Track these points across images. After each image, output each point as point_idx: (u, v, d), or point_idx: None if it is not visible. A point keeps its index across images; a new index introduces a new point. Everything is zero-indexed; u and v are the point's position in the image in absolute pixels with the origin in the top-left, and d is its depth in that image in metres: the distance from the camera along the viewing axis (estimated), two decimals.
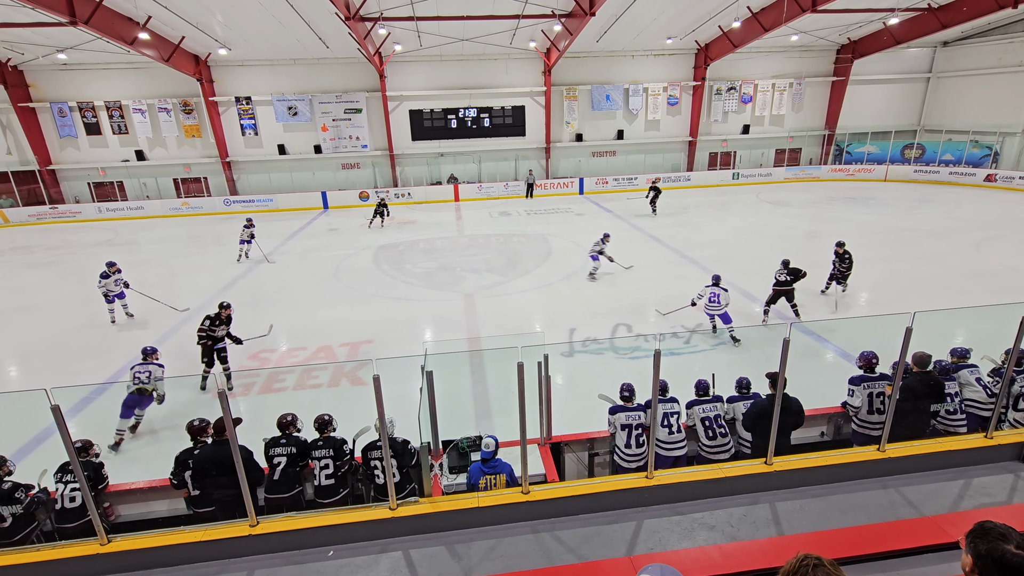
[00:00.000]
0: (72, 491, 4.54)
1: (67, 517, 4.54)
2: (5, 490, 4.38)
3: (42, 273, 16.03)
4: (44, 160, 24.27)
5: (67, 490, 4.54)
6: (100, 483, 4.72)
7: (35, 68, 22.94)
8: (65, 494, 4.54)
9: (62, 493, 4.55)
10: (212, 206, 25.20)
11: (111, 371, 9.15)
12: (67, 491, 4.54)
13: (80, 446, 4.69)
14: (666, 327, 10.24)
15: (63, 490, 4.55)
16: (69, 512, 4.53)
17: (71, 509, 4.53)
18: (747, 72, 27.41)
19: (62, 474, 4.61)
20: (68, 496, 4.54)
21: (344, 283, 13.80)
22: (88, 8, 15.49)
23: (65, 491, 4.54)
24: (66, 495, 4.53)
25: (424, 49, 23.64)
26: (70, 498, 4.54)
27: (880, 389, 5.20)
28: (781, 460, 4.34)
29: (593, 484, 4.30)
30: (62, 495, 4.54)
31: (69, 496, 4.54)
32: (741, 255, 14.95)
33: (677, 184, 27.91)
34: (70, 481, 4.55)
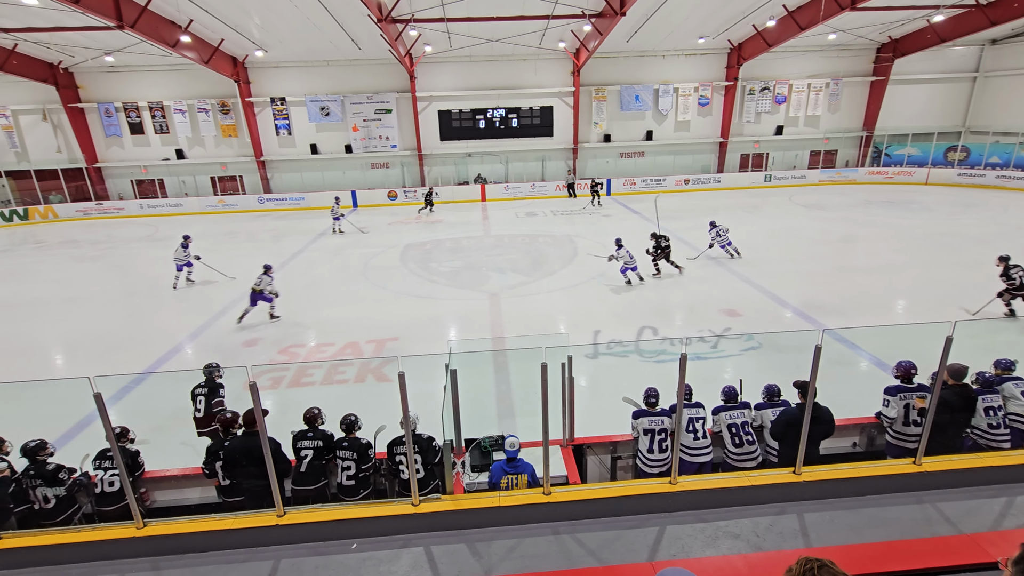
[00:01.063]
0: (111, 476, 4.73)
1: (106, 501, 4.73)
2: (50, 471, 4.59)
3: (87, 266, 16.73)
4: (91, 158, 25.35)
5: (107, 476, 4.73)
6: (137, 470, 4.90)
7: (84, 70, 23.98)
8: (105, 479, 4.73)
9: (102, 478, 4.74)
10: (247, 204, 25.90)
11: (149, 361, 9.49)
12: (107, 476, 4.73)
13: (119, 432, 4.88)
14: (693, 331, 10.08)
15: (103, 475, 4.74)
16: (108, 496, 4.73)
17: (110, 493, 4.73)
18: (781, 72, 26.77)
19: (101, 460, 4.80)
20: (107, 481, 4.73)
21: (372, 280, 14.01)
22: (134, 12, 16.12)
23: (105, 476, 4.73)
24: (105, 480, 4.73)
25: (454, 50, 23.83)
26: (109, 483, 4.73)
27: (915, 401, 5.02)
28: (810, 470, 4.23)
29: (615, 487, 4.27)
30: (102, 480, 4.74)
31: (108, 481, 4.73)
32: (772, 258, 14.62)
33: (707, 186, 27.45)
34: (109, 467, 4.74)
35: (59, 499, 4.60)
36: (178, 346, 10.22)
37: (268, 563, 3.84)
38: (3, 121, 24.37)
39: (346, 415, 5.00)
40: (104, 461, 4.78)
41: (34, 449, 4.64)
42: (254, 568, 3.81)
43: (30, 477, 4.55)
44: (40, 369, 9.53)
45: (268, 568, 3.80)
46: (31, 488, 4.57)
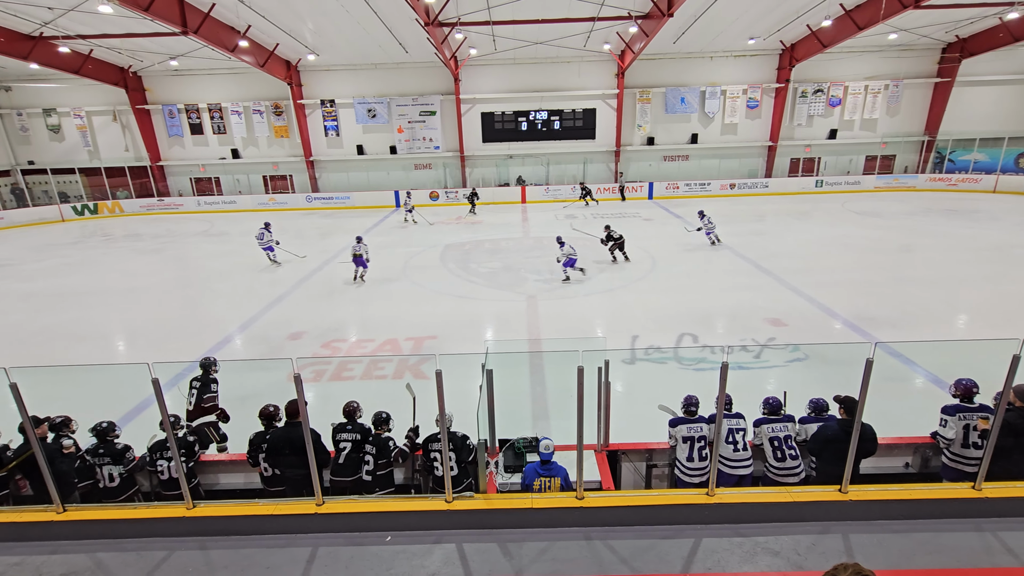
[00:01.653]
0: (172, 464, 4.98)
1: (169, 486, 5.00)
2: (118, 451, 4.89)
3: (148, 259, 17.72)
4: (154, 157, 26.86)
5: (170, 464, 4.97)
6: (193, 456, 5.13)
7: (151, 74, 25.44)
8: (169, 467, 4.97)
9: (167, 467, 4.98)
10: (295, 202, 26.85)
11: (201, 350, 9.96)
12: (170, 465, 4.96)
13: (172, 420, 5.13)
14: (735, 340, 9.80)
15: (166, 464, 4.98)
16: (171, 482, 4.98)
17: (173, 480, 4.98)
18: (837, 73, 25.70)
19: (162, 450, 5.04)
20: (171, 469, 4.98)
21: (412, 279, 14.26)
22: (198, 18, 17.00)
23: (169, 465, 4.96)
24: (171, 468, 4.96)
25: (498, 52, 24.02)
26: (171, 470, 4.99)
27: (976, 422, 4.72)
28: (858, 489, 4.05)
29: (650, 496, 4.21)
30: (167, 468, 4.97)
31: (171, 468, 4.98)
32: (821, 267, 14.05)
33: (753, 191, 26.64)
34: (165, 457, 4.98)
35: (123, 478, 4.88)
36: (228, 336, 10.69)
37: (307, 550, 3.97)
38: (78, 122, 26.13)
39: (378, 412, 5.10)
40: (166, 451, 5.02)
41: (105, 430, 4.94)
42: (293, 554, 3.95)
43: (98, 455, 4.85)
44: (104, 354, 10.16)
45: (306, 555, 3.93)
46: (98, 466, 4.87)
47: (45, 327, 11.54)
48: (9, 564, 3.96)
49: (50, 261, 17.58)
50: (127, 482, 4.92)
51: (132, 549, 4.06)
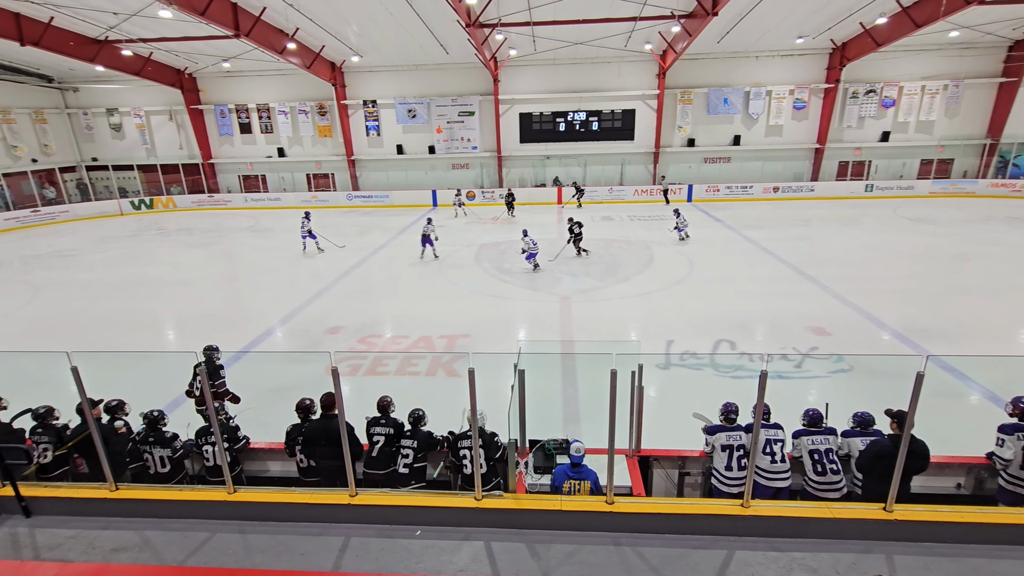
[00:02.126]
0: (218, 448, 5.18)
1: (213, 472, 5.22)
2: (167, 438, 5.13)
3: (198, 252, 18.52)
4: (206, 154, 28.05)
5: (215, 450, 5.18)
6: (237, 442, 5.33)
7: (205, 75, 26.58)
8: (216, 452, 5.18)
9: (213, 452, 5.20)
10: (336, 200, 27.55)
11: (245, 341, 10.35)
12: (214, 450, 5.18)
13: (216, 407, 5.34)
14: (775, 348, 9.50)
15: (211, 449, 5.20)
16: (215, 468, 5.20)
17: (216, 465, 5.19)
18: (891, 73, 24.55)
19: (205, 436, 5.26)
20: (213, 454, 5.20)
21: (447, 278, 14.42)
22: (249, 22, 17.66)
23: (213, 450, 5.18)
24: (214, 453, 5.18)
25: (538, 53, 24.01)
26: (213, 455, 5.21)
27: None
28: (904, 508, 3.87)
29: (683, 504, 4.13)
30: (213, 454, 5.20)
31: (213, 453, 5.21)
32: (869, 275, 13.47)
33: (798, 194, 25.75)
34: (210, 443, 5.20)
35: (172, 462, 5.12)
36: (270, 329, 11.07)
37: (339, 539, 4.08)
38: (137, 121, 27.54)
39: (414, 409, 5.17)
40: (209, 436, 5.24)
41: (156, 419, 5.19)
42: (326, 543, 4.06)
43: (148, 443, 5.10)
44: (155, 341, 10.68)
45: (339, 544, 4.04)
46: (148, 452, 5.12)
47: (104, 314, 12.22)
48: (66, 536, 4.22)
49: (109, 252, 18.59)
50: (176, 467, 5.15)
51: (177, 529, 4.26)
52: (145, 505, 4.42)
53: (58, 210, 25.21)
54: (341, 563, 3.86)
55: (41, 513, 4.45)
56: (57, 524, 4.35)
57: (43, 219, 24.53)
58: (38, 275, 15.77)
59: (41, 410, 5.33)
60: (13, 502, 4.38)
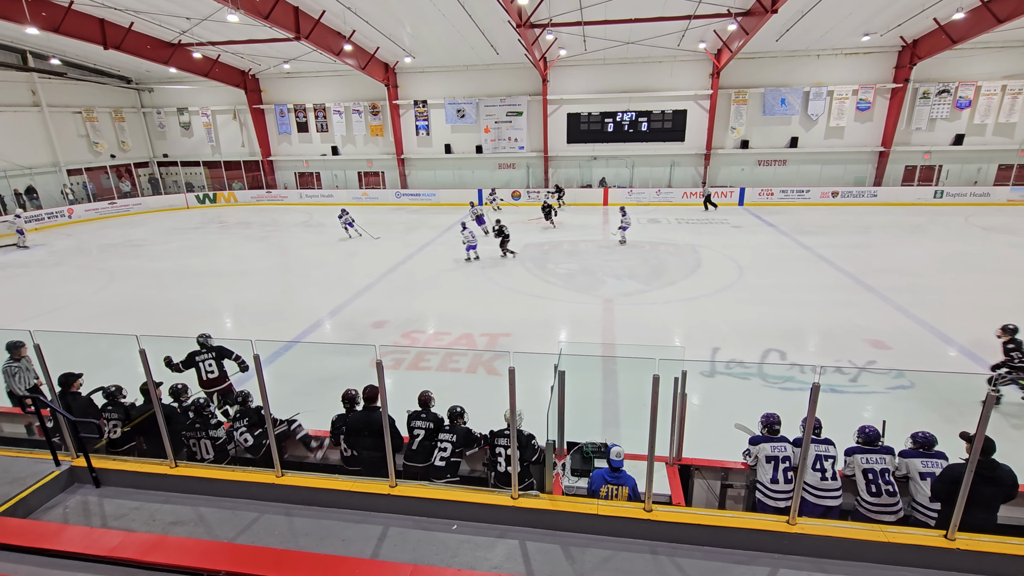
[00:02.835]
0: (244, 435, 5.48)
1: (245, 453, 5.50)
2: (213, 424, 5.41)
3: (256, 245, 19.42)
4: (265, 152, 29.38)
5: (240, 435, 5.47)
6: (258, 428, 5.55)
7: (266, 76, 27.84)
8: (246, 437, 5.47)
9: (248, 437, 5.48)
10: (386, 197, 28.26)
11: (297, 331, 10.78)
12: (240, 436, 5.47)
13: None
14: (829, 360, 9.08)
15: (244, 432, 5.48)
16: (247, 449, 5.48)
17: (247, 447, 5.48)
18: (967, 72, 22.93)
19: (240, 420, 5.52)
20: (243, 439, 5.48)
21: (489, 277, 14.53)
22: (309, 25, 18.38)
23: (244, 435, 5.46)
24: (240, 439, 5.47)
25: (588, 53, 23.82)
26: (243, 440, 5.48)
27: None
28: (970, 538, 3.62)
29: (724, 516, 4.01)
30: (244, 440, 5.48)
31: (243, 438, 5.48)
32: (936, 286, 12.67)
33: (859, 200, 24.47)
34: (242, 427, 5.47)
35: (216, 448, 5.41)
36: (319, 321, 11.48)
37: (379, 528, 4.19)
38: (205, 119, 29.14)
39: (454, 406, 5.25)
40: (244, 419, 5.50)
41: (202, 406, 5.50)
42: (366, 530, 4.18)
43: (195, 429, 5.40)
44: (215, 328, 11.26)
45: (378, 532, 4.15)
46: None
47: (170, 301, 13.01)
48: (130, 507, 4.53)
49: (176, 243, 19.75)
50: (221, 454, 5.44)
51: (228, 508, 4.49)
52: (200, 483, 4.69)
53: (132, 203, 26.99)
54: (380, 551, 3.97)
55: (109, 484, 4.79)
56: (122, 495, 4.67)
57: (119, 211, 26.32)
58: (113, 263, 16.95)
59: (111, 388, 5.75)
60: (86, 472, 4.73)
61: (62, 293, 13.90)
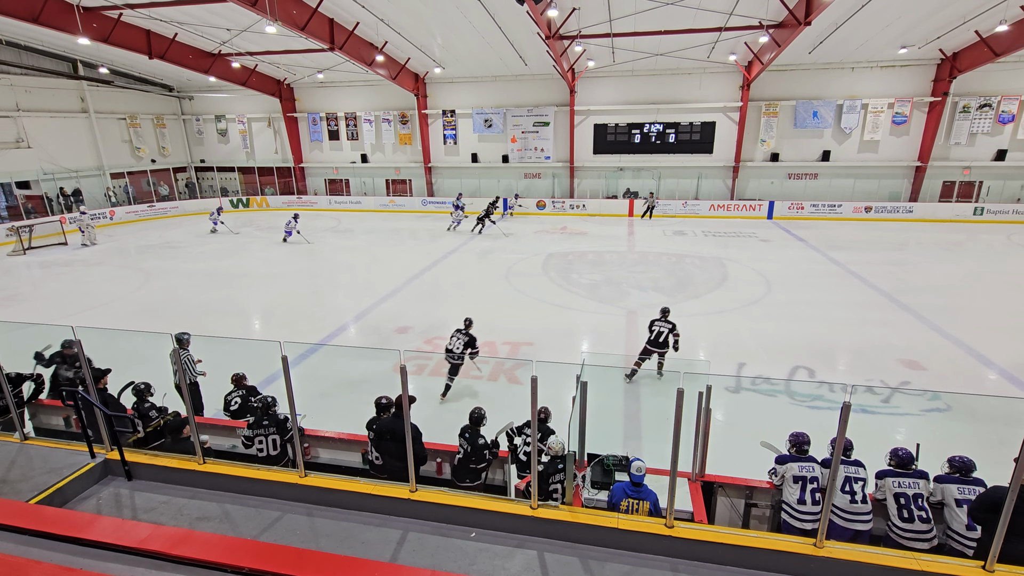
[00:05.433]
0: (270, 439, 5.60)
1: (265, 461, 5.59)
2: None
3: (286, 248, 19.88)
4: (297, 159, 30.14)
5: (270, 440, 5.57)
6: (286, 433, 5.60)
7: (300, 85, 28.63)
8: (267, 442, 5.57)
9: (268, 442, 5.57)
10: (412, 205, 28.64)
11: (323, 334, 10.98)
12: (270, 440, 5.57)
13: (272, 400, 5.70)
14: (860, 379, 8.82)
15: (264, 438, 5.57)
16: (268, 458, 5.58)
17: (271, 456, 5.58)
18: (1010, 86, 22.16)
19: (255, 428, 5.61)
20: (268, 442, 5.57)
21: (513, 285, 14.57)
22: (343, 36, 18.87)
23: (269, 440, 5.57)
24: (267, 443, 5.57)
25: (616, 64, 23.84)
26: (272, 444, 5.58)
27: None
28: (1010, 571, 3.46)
29: (748, 536, 3.92)
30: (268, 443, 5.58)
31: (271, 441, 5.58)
32: (976, 307, 12.20)
33: (894, 216, 23.79)
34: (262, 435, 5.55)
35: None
36: (345, 324, 11.67)
37: (398, 532, 4.22)
38: (240, 127, 30.08)
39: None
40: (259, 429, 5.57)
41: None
42: (386, 534, 4.21)
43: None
44: (245, 329, 11.56)
45: (397, 536, 4.18)
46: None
47: (203, 302, 13.40)
48: (159, 501, 4.66)
49: (210, 246, 20.35)
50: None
51: (253, 505, 4.58)
52: (227, 480, 4.79)
53: (169, 206, 27.94)
54: (399, 555, 4.00)
55: (140, 478, 4.94)
56: (153, 489, 4.81)
57: (157, 213, 27.28)
58: (150, 263, 17.55)
59: (140, 386, 5.93)
60: (119, 465, 4.89)
61: (102, 291, 14.46)
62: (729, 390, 8.54)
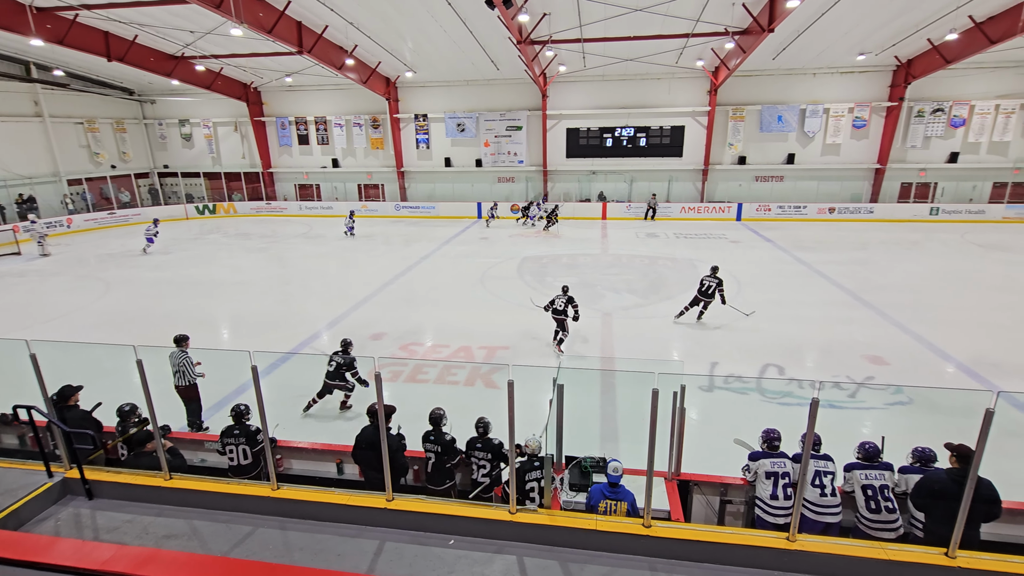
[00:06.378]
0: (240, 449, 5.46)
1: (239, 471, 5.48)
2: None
3: (255, 256, 19.43)
4: (266, 164, 29.54)
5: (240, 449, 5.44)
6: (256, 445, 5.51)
7: (268, 89, 28.08)
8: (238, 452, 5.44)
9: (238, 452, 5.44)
10: (385, 210, 28.35)
11: (295, 343, 10.74)
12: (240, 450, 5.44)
13: (244, 409, 5.58)
14: (827, 375, 9.08)
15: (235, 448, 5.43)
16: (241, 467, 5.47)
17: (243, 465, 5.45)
18: (961, 91, 23.26)
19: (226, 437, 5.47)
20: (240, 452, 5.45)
21: (488, 289, 14.54)
22: (312, 39, 18.58)
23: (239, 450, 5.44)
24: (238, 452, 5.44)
25: (587, 69, 24.11)
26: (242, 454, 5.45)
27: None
28: (969, 556, 3.59)
29: (724, 533, 3.98)
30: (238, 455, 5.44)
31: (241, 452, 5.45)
32: (934, 303, 12.71)
33: (856, 216, 24.65)
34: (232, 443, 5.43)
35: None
36: (317, 332, 11.45)
37: (375, 543, 4.15)
38: (206, 131, 29.33)
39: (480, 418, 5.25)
40: (229, 438, 5.45)
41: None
42: (362, 545, 4.13)
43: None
44: (213, 339, 11.22)
45: (374, 547, 4.10)
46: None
47: (168, 311, 12.97)
48: (123, 520, 4.47)
49: (175, 254, 19.74)
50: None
51: (223, 521, 4.43)
52: (195, 495, 4.63)
53: (131, 213, 27.03)
54: (376, 566, 3.92)
55: (102, 496, 4.73)
56: (116, 508, 4.61)
57: (118, 221, 26.35)
58: (111, 272, 16.92)
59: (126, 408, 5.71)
60: (79, 484, 4.68)
61: (60, 302, 13.87)
62: (703, 389, 8.68)
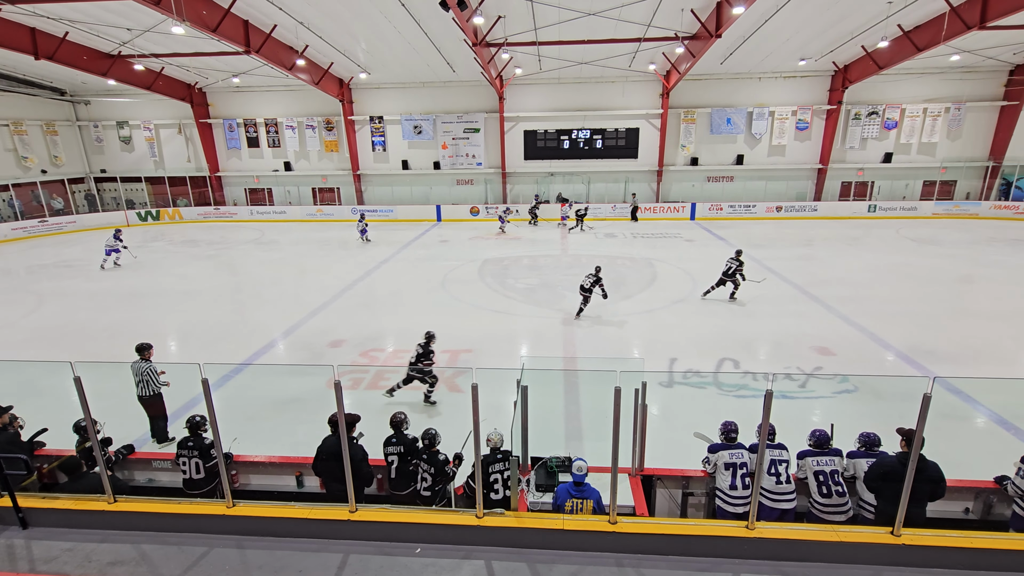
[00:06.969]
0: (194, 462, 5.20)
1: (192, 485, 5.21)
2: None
3: (204, 264, 18.61)
4: (213, 168, 28.35)
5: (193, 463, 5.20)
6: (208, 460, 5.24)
7: (214, 90, 26.99)
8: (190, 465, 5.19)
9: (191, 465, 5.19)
10: (341, 214, 27.72)
11: (247, 353, 10.34)
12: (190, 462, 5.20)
13: (199, 420, 5.31)
14: (779, 367, 9.45)
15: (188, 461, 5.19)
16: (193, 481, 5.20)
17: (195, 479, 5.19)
18: (893, 95, 24.78)
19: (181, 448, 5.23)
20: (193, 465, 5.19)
21: (450, 292, 14.43)
22: (260, 38, 17.97)
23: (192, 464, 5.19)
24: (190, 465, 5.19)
25: (543, 72, 24.32)
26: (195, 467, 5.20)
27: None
28: (912, 533, 3.80)
29: (687, 525, 4.07)
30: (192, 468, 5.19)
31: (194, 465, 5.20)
32: (874, 296, 13.43)
33: (801, 214, 25.83)
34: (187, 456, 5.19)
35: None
36: (273, 341, 11.06)
37: (338, 556, 4.03)
38: (147, 134, 27.90)
39: (427, 429, 5.09)
40: (183, 450, 5.19)
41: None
42: (325, 560, 4.01)
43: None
44: (159, 352, 10.64)
45: (338, 561, 3.99)
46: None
47: (108, 324, 12.24)
48: (63, 549, 4.18)
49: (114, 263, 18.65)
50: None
51: (174, 543, 4.21)
52: (143, 518, 4.38)
53: (65, 220, 25.42)
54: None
55: (38, 525, 4.41)
56: (54, 536, 4.31)
57: (51, 229, 24.73)
58: (43, 285, 15.84)
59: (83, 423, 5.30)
60: (10, 513, 4.35)
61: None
62: (663, 385, 8.88)
